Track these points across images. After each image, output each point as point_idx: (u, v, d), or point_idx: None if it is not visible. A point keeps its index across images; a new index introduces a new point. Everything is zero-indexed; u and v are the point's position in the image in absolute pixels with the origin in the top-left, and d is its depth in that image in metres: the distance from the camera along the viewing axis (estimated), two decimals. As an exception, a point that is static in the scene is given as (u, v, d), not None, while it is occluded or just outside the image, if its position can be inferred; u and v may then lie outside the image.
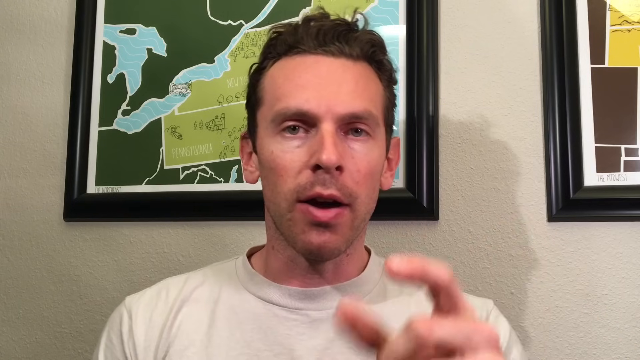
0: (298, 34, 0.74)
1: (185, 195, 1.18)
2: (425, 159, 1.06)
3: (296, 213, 0.69)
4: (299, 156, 0.69)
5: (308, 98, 0.70)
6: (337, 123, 0.69)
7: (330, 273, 0.74)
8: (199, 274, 0.81)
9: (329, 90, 0.70)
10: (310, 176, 0.68)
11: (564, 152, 1.02)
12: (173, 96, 1.22)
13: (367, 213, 0.73)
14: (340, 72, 0.72)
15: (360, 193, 0.70)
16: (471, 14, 1.10)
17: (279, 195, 0.70)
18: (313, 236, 0.68)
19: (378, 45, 0.76)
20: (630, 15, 1.02)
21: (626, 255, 0.99)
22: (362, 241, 0.78)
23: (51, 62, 1.31)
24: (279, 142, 0.71)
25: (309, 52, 0.73)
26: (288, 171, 0.69)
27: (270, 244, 0.77)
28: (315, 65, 0.72)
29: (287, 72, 0.73)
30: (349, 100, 0.70)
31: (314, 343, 0.71)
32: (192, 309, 0.76)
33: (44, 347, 1.23)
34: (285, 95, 0.71)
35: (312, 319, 0.72)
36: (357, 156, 0.70)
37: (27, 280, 1.26)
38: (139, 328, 0.76)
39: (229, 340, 0.73)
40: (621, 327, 0.98)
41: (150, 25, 1.25)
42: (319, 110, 0.69)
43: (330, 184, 0.68)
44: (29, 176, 1.29)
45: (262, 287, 0.75)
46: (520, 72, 1.07)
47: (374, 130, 0.72)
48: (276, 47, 0.75)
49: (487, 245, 1.04)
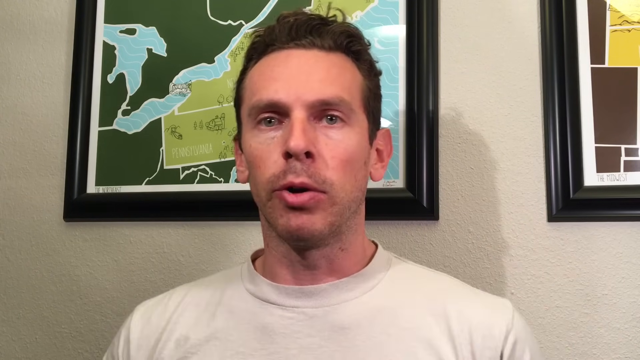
0: (274, 32, 0.75)
1: (185, 195, 1.18)
2: (425, 159, 1.06)
3: (274, 200, 0.70)
4: (274, 147, 0.71)
5: (277, 89, 0.71)
6: (307, 111, 0.70)
7: (325, 269, 0.74)
8: (206, 281, 0.84)
9: (298, 79, 0.71)
10: (283, 165, 0.69)
11: (564, 152, 1.02)
12: (173, 96, 1.22)
13: (350, 201, 0.72)
14: (311, 63, 0.73)
15: (335, 180, 0.69)
16: (471, 14, 1.10)
17: (258, 185, 0.72)
18: (291, 218, 0.69)
19: (353, 36, 0.77)
20: (630, 15, 1.02)
21: (626, 255, 0.99)
22: (359, 236, 0.77)
23: (51, 62, 1.31)
24: (256, 135, 0.72)
25: (282, 47, 0.74)
26: (265, 161, 0.71)
27: (265, 242, 0.78)
28: (287, 59, 0.74)
29: (262, 69, 0.75)
30: (318, 87, 0.71)
31: (309, 341, 0.71)
32: (193, 313, 0.78)
33: (44, 347, 1.23)
34: (259, 89, 0.73)
35: (309, 316, 0.72)
36: (331, 143, 0.70)
37: (27, 280, 1.26)
38: (136, 328, 0.79)
39: (226, 341, 0.73)
40: (621, 327, 0.98)
41: (150, 25, 1.25)
42: (288, 99, 0.70)
43: (302, 172, 0.68)
44: (29, 176, 1.29)
45: (260, 286, 0.76)
46: (520, 72, 1.07)
47: (349, 117, 0.72)
48: (256, 49, 0.77)
49: (487, 245, 1.04)
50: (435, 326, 0.71)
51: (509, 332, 0.71)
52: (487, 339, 0.70)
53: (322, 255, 0.73)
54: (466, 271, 1.04)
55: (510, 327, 0.71)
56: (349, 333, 0.71)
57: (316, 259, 0.73)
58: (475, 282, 1.03)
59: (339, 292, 0.73)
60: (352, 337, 0.71)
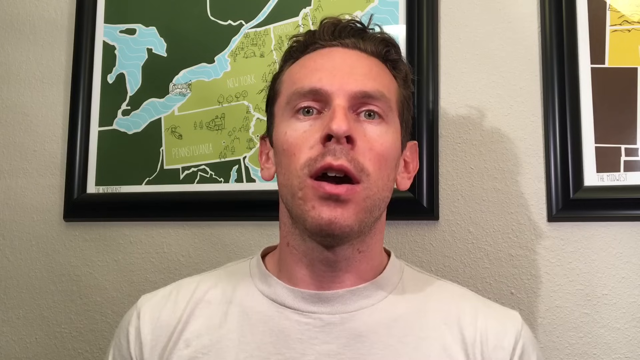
0: (315, 33, 0.77)
1: (185, 195, 1.18)
2: (425, 159, 1.06)
3: (307, 190, 0.69)
4: (311, 133, 0.70)
5: (321, 77, 0.72)
6: (349, 101, 0.71)
7: (344, 270, 0.73)
8: (213, 276, 0.81)
9: (342, 71, 0.72)
10: (321, 149, 0.69)
11: (564, 152, 1.02)
12: (173, 96, 1.22)
13: (381, 199, 0.71)
14: (354, 59, 0.74)
15: (372, 170, 0.69)
16: (471, 14, 1.10)
17: (291, 174, 0.70)
18: (324, 211, 0.67)
19: (392, 46, 0.79)
20: (630, 15, 1.02)
21: (626, 255, 0.99)
22: (377, 241, 0.77)
23: (51, 62, 1.31)
24: (293, 123, 0.72)
25: (325, 45, 0.76)
26: (301, 147, 0.70)
27: (285, 240, 0.76)
28: (330, 54, 0.75)
29: (303, 62, 0.76)
30: (361, 80, 0.72)
31: (327, 348, 0.70)
32: (205, 311, 0.76)
33: (44, 347, 1.23)
34: (300, 78, 0.74)
35: (325, 322, 0.71)
36: (369, 135, 0.71)
37: (27, 280, 1.26)
38: (146, 328, 0.76)
39: (240, 343, 0.72)
40: (621, 327, 0.98)
41: (150, 25, 1.25)
42: (331, 88, 0.71)
43: (341, 155, 0.68)
44: (29, 176, 1.29)
45: (276, 289, 0.75)
46: (520, 72, 1.07)
47: (386, 115, 0.73)
48: (296, 50, 0.79)
49: (487, 245, 1.04)
50: (449, 335, 0.72)
51: (517, 343, 0.73)
52: (497, 349, 0.72)
53: (342, 256, 0.73)
54: (466, 271, 1.04)
55: (519, 338, 0.73)
56: (366, 341, 0.71)
57: (338, 258, 0.72)
58: (475, 282, 1.03)
59: (356, 299, 0.73)
60: (369, 345, 0.71)
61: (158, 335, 0.75)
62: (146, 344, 0.75)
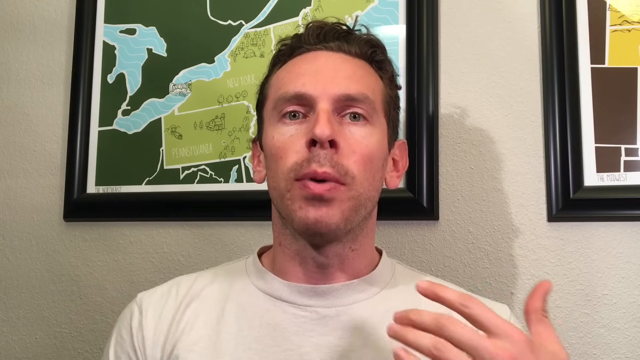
0: (301, 37, 0.78)
1: (185, 195, 1.18)
2: (425, 159, 1.06)
3: (294, 190, 0.70)
4: (297, 137, 0.72)
5: (305, 82, 0.73)
6: (332, 104, 0.72)
7: (336, 268, 0.75)
8: (210, 273, 0.83)
9: (325, 75, 0.73)
10: (306, 154, 0.70)
11: (564, 152, 1.02)
12: (173, 96, 1.22)
13: (367, 199, 0.73)
14: (338, 62, 0.76)
15: (357, 172, 0.71)
16: (471, 14, 1.10)
17: (279, 176, 0.72)
18: (310, 210, 0.69)
19: (377, 47, 0.80)
20: (630, 15, 1.02)
21: (626, 255, 0.99)
22: (369, 239, 0.78)
23: (51, 62, 1.31)
24: (280, 127, 0.74)
25: (310, 49, 0.77)
26: (287, 151, 0.72)
27: (277, 240, 0.78)
28: (315, 57, 0.76)
29: (289, 67, 0.77)
30: (345, 83, 0.73)
31: (323, 340, 0.72)
32: (201, 305, 0.77)
33: (44, 347, 1.23)
34: (285, 83, 0.75)
35: (321, 315, 0.73)
36: (353, 138, 0.72)
37: (27, 280, 1.26)
38: (149, 323, 0.77)
39: (238, 336, 0.73)
40: (621, 327, 0.98)
41: (150, 25, 1.25)
42: (315, 92, 0.72)
43: (325, 162, 0.69)
44: (29, 176, 1.29)
45: (272, 284, 0.76)
46: (520, 72, 1.07)
47: (371, 116, 0.74)
48: (283, 54, 0.80)
49: (487, 245, 1.04)
50: None
51: None
52: None
53: (335, 254, 0.74)
54: (466, 271, 1.04)
55: None
56: (362, 333, 0.72)
57: (329, 257, 0.74)
58: (475, 282, 1.03)
59: (351, 293, 0.75)
60: (365, 336, 0.72)
61: (160, 331, 0.76)
62: (148, 339, 0.76)
